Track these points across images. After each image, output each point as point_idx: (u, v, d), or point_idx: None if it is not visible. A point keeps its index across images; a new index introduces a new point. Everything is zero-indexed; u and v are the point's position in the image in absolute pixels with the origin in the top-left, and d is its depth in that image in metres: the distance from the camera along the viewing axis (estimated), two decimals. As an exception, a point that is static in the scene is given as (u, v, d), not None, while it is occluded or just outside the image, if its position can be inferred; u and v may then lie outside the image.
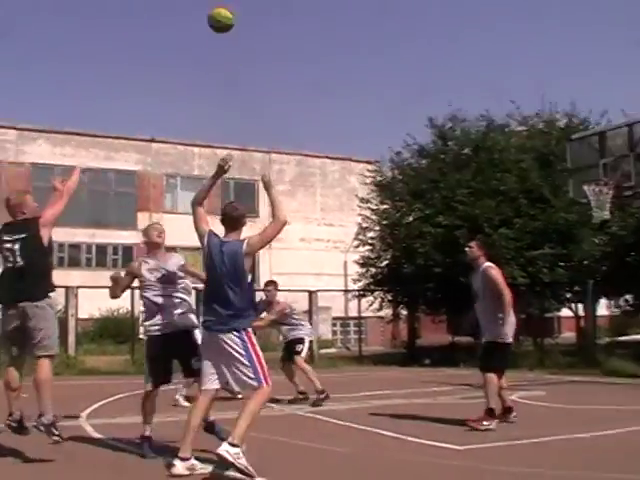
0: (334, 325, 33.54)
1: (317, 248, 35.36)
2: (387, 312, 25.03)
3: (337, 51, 79.40)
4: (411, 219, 22.77)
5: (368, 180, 24.49)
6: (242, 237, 6.11)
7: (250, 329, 6.00)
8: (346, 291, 29.21)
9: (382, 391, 12.48)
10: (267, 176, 6.37)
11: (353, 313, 24.56)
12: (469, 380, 14.43)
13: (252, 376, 5.84)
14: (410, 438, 7.63)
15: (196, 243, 6.17)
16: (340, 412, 9.76)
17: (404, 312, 25.18)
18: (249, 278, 6.05)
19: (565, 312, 25.06)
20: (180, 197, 33.26)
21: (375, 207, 23.74)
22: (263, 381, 5.83)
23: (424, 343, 25.80)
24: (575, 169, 14.38)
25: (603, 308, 27.59)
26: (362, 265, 23.87)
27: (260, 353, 5.92)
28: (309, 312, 20.27)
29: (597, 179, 13.20)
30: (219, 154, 33.47)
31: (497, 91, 63.35)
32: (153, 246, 6.95)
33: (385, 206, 23.75)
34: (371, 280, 23.82)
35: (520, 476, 6.04)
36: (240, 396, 8.08)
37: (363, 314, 23.85)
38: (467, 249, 8.74)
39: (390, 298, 24.16)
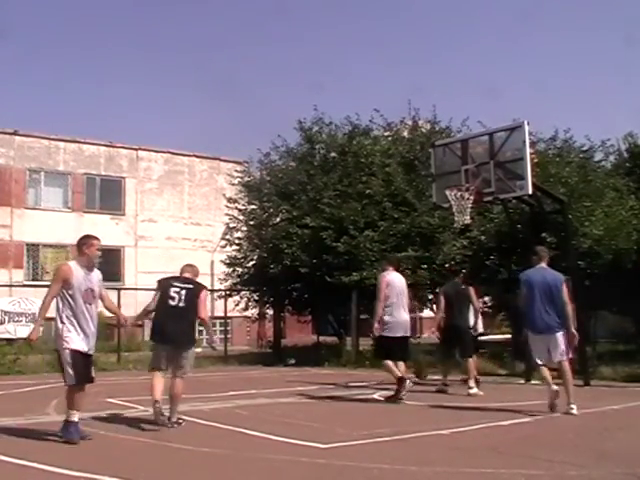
0: (200, 324, 33.16)
1: (184, 247, 34.92)
2: (253, 312, 25.05)
3: (209, 49, 78.88)
4: (278, 220, 22.90)
5: (236, 180, 24.44)
6: None
7: None
8: (212, 291, 28.98)
9: (247, 391, 12.45)
10: None
11: (219, 313, 24.39)
12: (333, 379, 14.66)
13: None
14: (274, 437, 7.65)
15: (58, 240, 6.04)
16: (204, 412, 9.70)
17: (270, 312, 25.26)
18: None
19: (427, 313, 25.71)
20: (44, 193, 31.99)
21: (243, 207, 23.73)
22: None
23: (289, 343, 25.98)
24: (438, 174, 14.67)
25: (463, 309, 28.40)
26: (229, 265, 23.79)
27: None
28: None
29: (459, 184, 13.51)
30: (85, 149, 33.00)
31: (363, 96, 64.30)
32: None
33: (253, 207, 23.77)
34: (238, 280, 23.78)
35: (383, 472, 6.13)
36: None
37: (229, 314, 23.74)
38: None
39: (257, 298, 24.19)
